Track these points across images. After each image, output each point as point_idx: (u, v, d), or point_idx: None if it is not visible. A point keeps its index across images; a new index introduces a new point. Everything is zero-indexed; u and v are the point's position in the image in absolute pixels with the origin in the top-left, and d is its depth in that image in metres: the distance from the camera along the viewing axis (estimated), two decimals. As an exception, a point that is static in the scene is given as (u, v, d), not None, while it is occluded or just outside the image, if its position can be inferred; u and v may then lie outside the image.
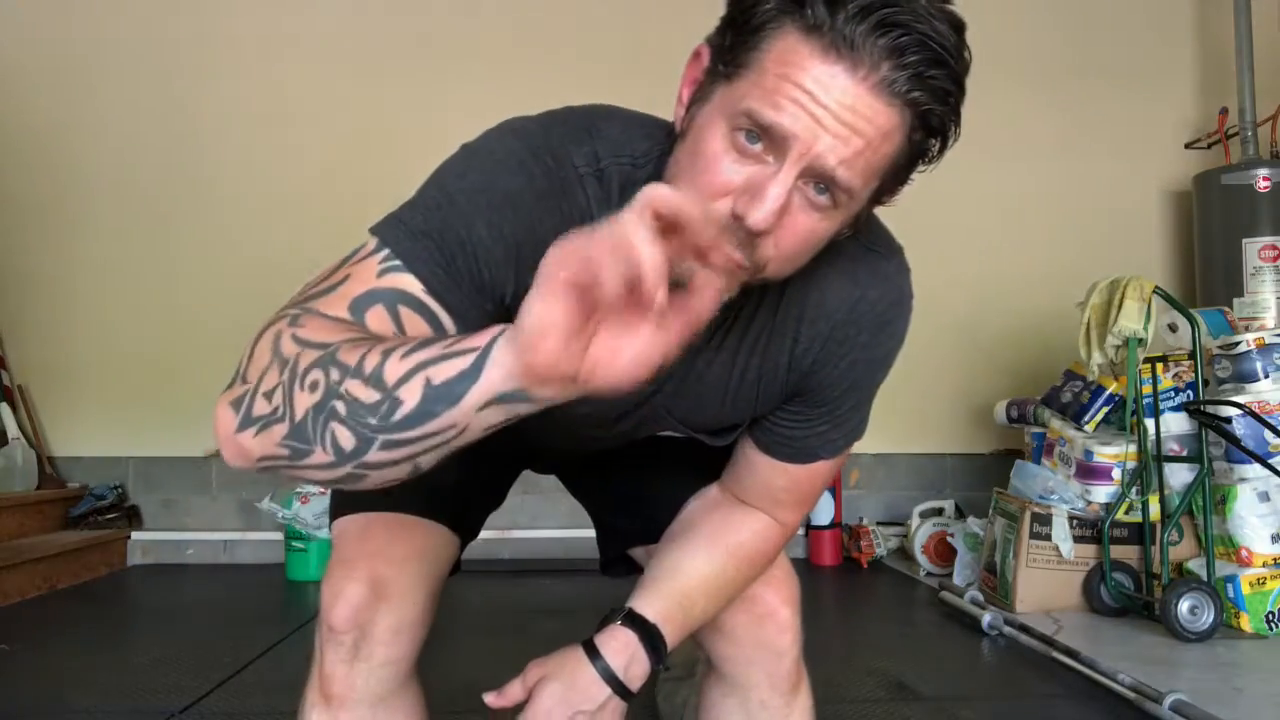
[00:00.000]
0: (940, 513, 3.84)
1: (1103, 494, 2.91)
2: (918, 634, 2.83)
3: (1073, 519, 2.91)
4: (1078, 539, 2.90)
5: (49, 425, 4.03)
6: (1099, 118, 4.28)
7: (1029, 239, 4.22)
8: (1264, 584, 2.65)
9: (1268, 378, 2.77)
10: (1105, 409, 3.03)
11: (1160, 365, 2.86)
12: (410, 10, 4.16)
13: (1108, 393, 3.02)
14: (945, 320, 4.09)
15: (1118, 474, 2.89)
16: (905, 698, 2.15)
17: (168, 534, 3.95)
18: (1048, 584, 2.89)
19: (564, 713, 0.94)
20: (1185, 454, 2.84)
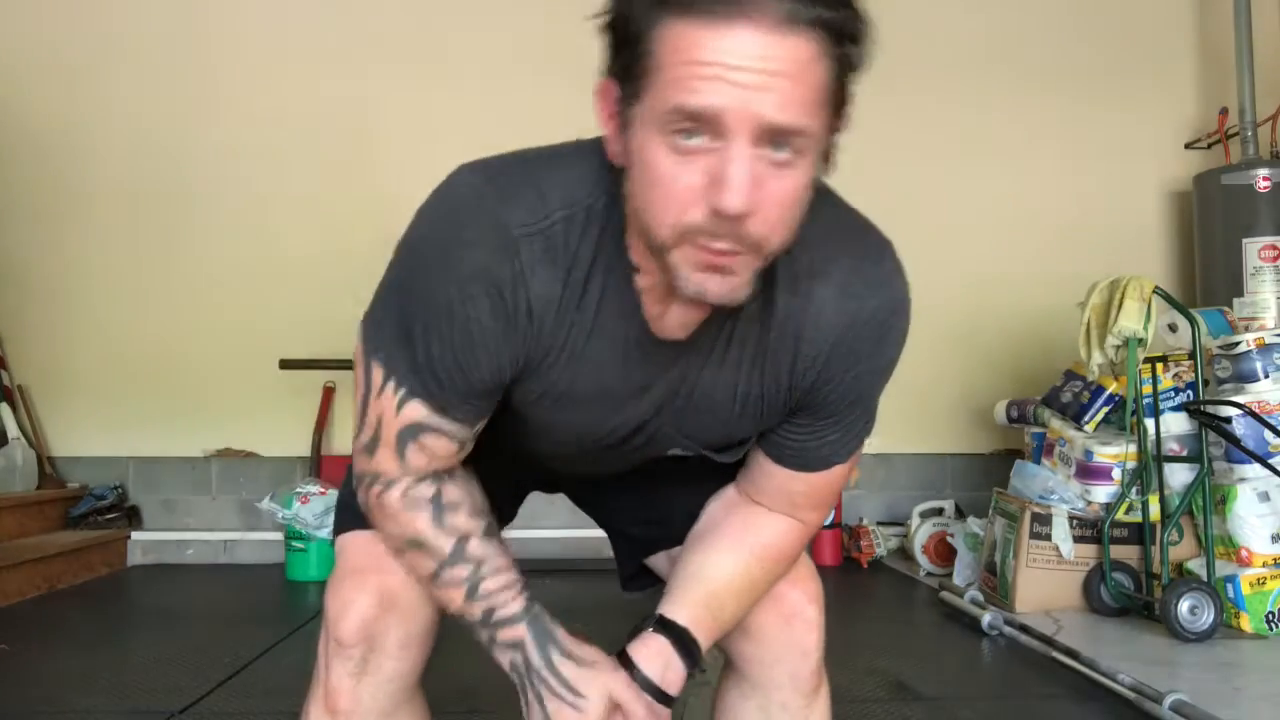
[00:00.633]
0: (940, 513, 3.84)
1: (1103, 494, 2.91)
2: (918, 634, 2.83)
3: (1073, 519, 2.91)
4: (1078, 539, 2.90)
5: (49, 425, 4.03)
6: (1099, 118, 4.27)
7: (1029, 239, 4.22)
8: (1264, 584, 2.65)
9: (1268, 378, 2.77)
10: (1105, 409, 3.04)
11: (1160, 365, 2.86)
12: (412, 12, 4.16)
13: (1108, 393, 3.02)
14: (945, 320, 4.08)
15: (1118, 474, 2.89)
16: (905, 698, 2.15)
17: (168, 534, 3.95)
18: (1048, 584, 2.89)
19: None
20: (1185, 454, 2.83)
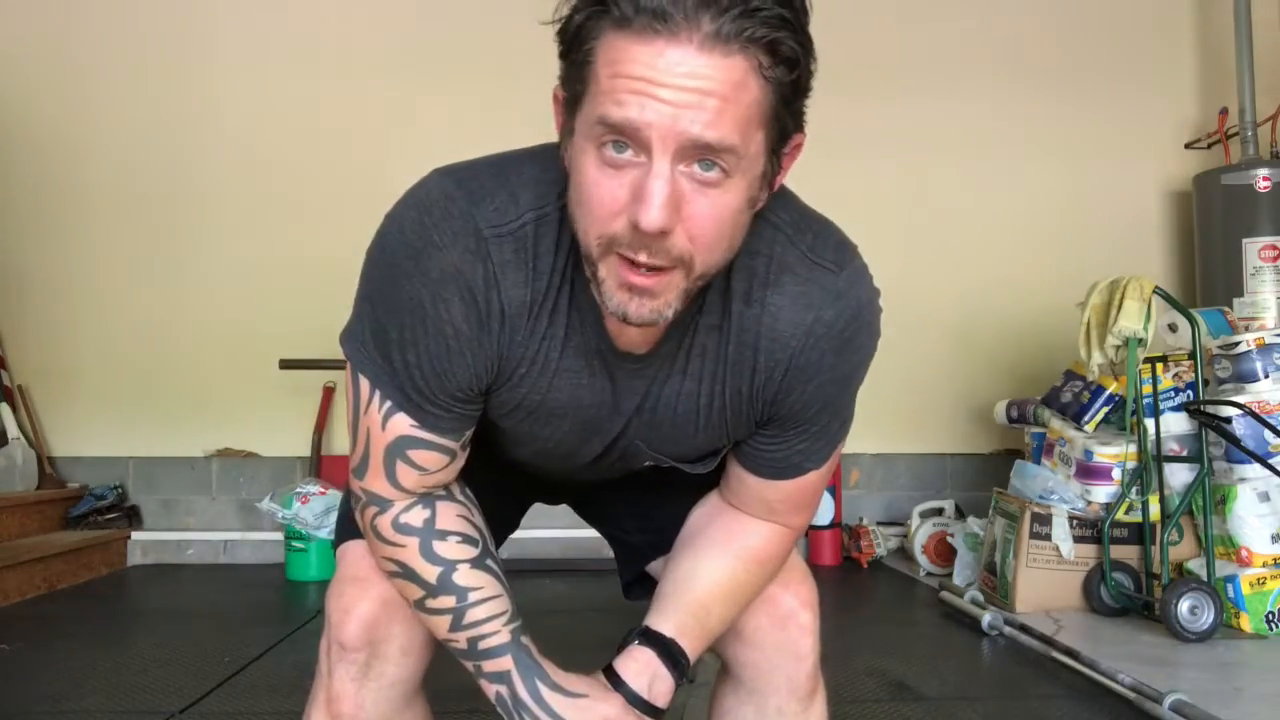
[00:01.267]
0: (940, 513, 3.83)
1: (1103, 494, 2.91)
2: (918, 634, 2.82)
3: (1073, 519, 2.91)
4: (1078, 539, 2.90)
5: (49, 425, 4.03)
6: (1099, 118, 4.27)
7: (1029, 239, 4.22)
8: (1264, 584, 2.65)
9: (1268, 378, 2.77)
10: (1105, 409, 3.03)
11: (1160, 365, 2.86)
12: (413, 13, 4.16)
13: (1108, 393, 3.02)
14: (945, 320, 4.09)
15: (1118, 474, 2.89)
16: (905, 698, 2.14)
17: (168, 534, 3.95)
18: (1048, 584, 2.89)
19: None
20: (1185, 454, 2.83)
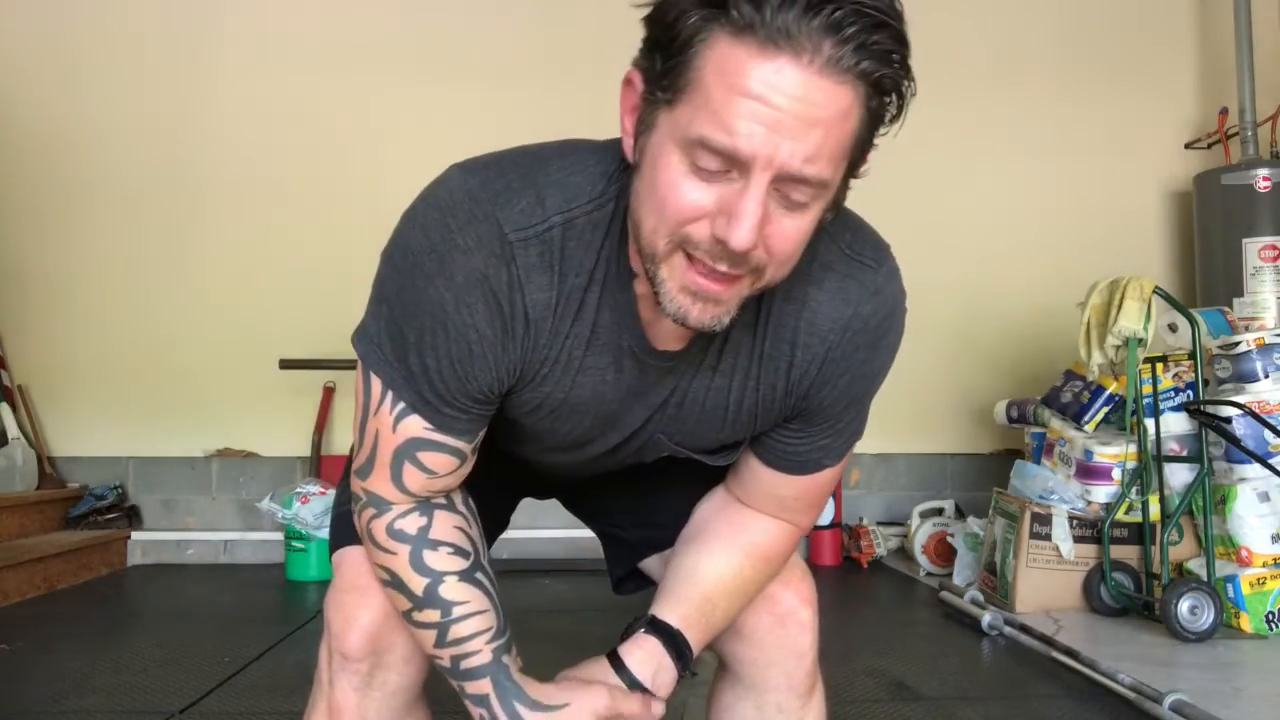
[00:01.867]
0: (940, 513, 3.84)
1: (1103, 494, 2.91)
2: (918, 634, 2.82)
3: (1073, 519, 2.91)
4: (1078, 539, 2.90)
5: (49, 425, 4.03)
6: (1099, 118, 4.27)
7: (1029, 239, 4.22)
8: (1264, 584, 2.65)
9: (1268, 378, 2.77)
10: (1105, 409, 3.04)
11: (1160, 365, 2.86)
12: (413, 12, 4.16)
13: (1108, 393, 3.02)
14: (945, 320, 4.08)
15: (1118, 474, 2.89)
16: (905, 698, 2.15)
17: (168, 534, 3.94)
18: (1048, 584, 2.89)
19: None
20: (1185, 454, 2.83)
